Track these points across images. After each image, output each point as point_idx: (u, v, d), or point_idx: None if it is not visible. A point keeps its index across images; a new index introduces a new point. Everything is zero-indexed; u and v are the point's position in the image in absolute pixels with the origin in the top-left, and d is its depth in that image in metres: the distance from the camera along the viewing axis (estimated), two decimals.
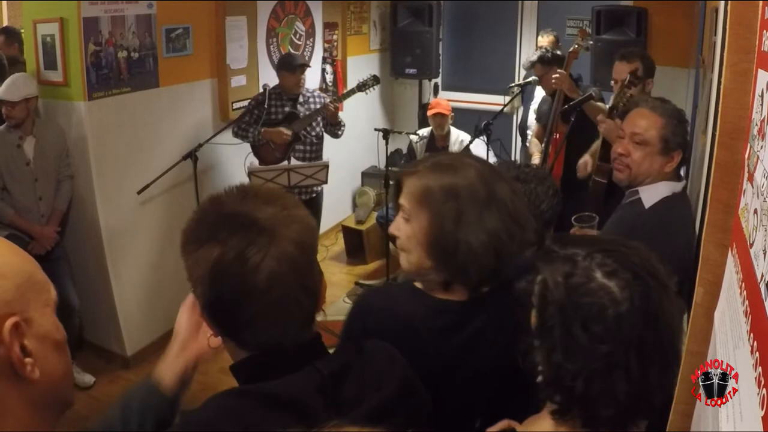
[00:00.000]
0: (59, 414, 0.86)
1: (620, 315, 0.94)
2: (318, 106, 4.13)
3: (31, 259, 0.85)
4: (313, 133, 4.16)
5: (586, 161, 3.35)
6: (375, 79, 4.28)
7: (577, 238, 1.12)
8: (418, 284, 1.38)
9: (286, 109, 4.09)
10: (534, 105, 4.87)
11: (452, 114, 4.69)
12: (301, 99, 4.12)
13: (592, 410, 0.96)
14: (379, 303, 1.39)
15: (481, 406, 1.34)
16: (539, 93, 4.76)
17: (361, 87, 4.24)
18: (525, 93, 4.92)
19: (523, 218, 1.33)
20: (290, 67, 4.07)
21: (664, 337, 0.95)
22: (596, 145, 3.48)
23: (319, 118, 4.13)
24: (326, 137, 4.30)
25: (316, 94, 4.25)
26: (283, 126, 4.03)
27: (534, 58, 4.14)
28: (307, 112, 4.10)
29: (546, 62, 4.01)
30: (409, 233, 1.32)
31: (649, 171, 1.96)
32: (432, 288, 1.35)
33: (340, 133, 4.27)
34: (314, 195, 4.21)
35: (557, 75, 3.76)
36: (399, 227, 1.35)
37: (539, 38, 4.98)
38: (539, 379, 1.01)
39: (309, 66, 4.17)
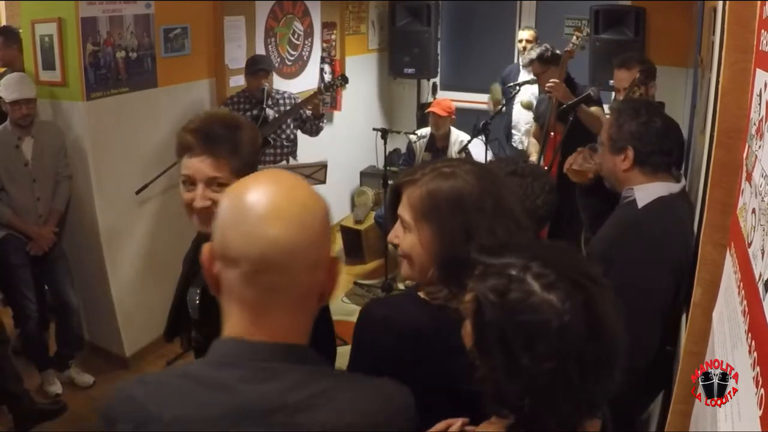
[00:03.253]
0: None
1: (563, 327, 0.90)
2: (287, 108, 4.08)
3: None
4: (284, 136, 4.10)
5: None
6: (343, 79, 4.20)
7: (508, 245, 1.08)
8: (421, 293, 1.36)
9: (254, 112, 4.03)
10: (517, 105, 4.88)
11: (453, 116, 4.67)
12: (269, 102, 4.06)
13: (540, 423, 0.94)
14: (383, 313, 1.36)
15: (488, 416, 1.33)
16: (523, 90, 4.76)
17: (328, 87, 4.17)
18: (507, 93, 4.91)
19: (524, 221, 1.32)
20: (251, 70, 4.04)
21: (606, 342, 0.93)
22: None
23: (289, 120, 4.08)
24: (304, 139, 4.24)
25: (286, 95, 4.19)
26: None
27: (533, 55, 4.13)
28: (276, 115, 4.05)
29: (545, 61, 4.00)
30: (412, 244, 1.30)
31: (609, 170, 2.03)
32: (435, 296, 1.33)
33: (322, 125, 4.20)
34: None
35: (551, 84, 3.77)
36: (398, 235, 1.32)
37: (520, 32, 4.99)
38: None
39: (269, 71, 4.06)
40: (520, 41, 4.91)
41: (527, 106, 4.79)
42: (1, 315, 3.41)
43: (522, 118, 4.91)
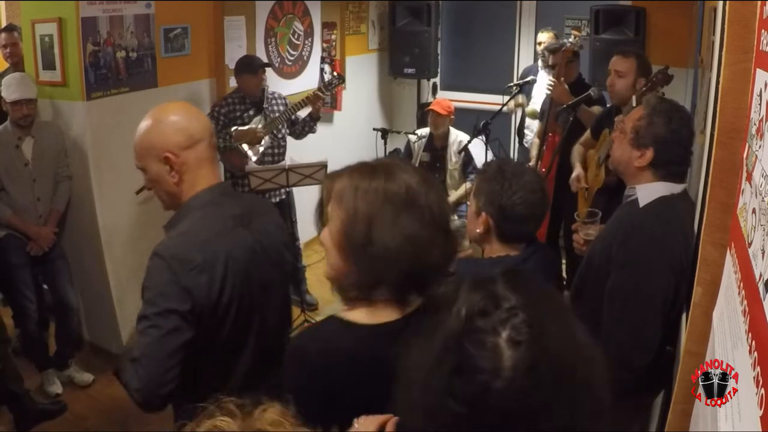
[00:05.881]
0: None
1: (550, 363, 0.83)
2: (281, 108, 4.09)
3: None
4: (280, 135, 4.12)
5: (579, 175, 3.35)
6: (339, 78, 4.31)
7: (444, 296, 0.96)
8: (345, 315, 1.30)
9: (251, 112, 4.01)
10: (532, 105, 4.87)
11: (452, 117, 4.67)
12: (265, 103, 4.05)
13: None
14: (313, 347, 1.30)
15: None
16: (537, 92, 4.77)
17: (328, 86, 4.21)
18: (524, 93, 4.92)
19: (452, 229, 1.29)
20: (252, 68, 3.97)
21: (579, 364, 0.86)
22: (577, 149, 3.50)
23: (284, 120, 4.09)
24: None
25: (276, 95, 4.19)
26: (254, 127, 3.98)
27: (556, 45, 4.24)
28: (274, 114, 4.06)
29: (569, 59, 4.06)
30: (326, 234, 1.30)
31: (620, 159, 2.00)
32: (355, 303, 1.29)
33: (315, 128, 4.22)
34: (284, 197, 4.18)
35: (550, 84, 3.79)
36: (324, 235, 1.32)
37: (539, 35, 4.98)
38: None
39: (270, 66, 4.11)
40: (539, 44, 4.90)
41: (532, 115, 4.79)
42: (1, 315, 3.41)
43: (535, 120, 4.90)
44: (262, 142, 4.00)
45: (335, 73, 4.23)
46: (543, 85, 4.52)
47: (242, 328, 1.64)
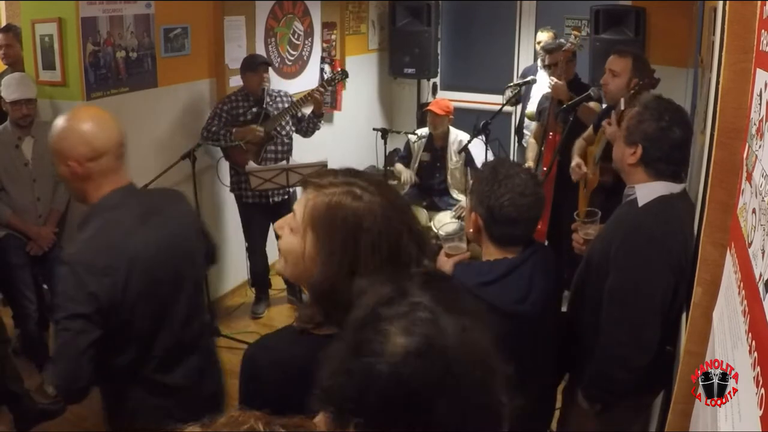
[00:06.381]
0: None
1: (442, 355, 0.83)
2: (286, 105, 4.10)
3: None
4: (284, 133, 4.12)
5: (579, 163, 3.35)
6: (343, 73, 4.37)
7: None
8: (295, 323, 1.29)
9: (254, 109, 4.03)
10: (531, 106, 4.87)
11: (451, 116, 4.67)
12: (268, 99, 4.07)
13: None
14: (265, 357, 1.29)
15: None
16: (535, 92, 4.77)
17: (329, 82, 4.28)
18: (522, 93, 4.92)
19: (423, 256, 1.24)
20: (252, 66, 4.00)
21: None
22: (579, 144, 3.50)
23: (288, 117, 4.10)
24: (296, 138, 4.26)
25: (282, 93, 4.21)
26: (254, 125, 3.99)
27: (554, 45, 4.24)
28: (276, 111, 4.07)
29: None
30: (292, 246, 1.24)
31: (616, 156, 2.06)
32: (306, 321, 1.27)
33: (320, 125, 4.24)
34: (285, 197, 4.18)
35: (551, 83, 3.79)
36: (283, 227, 1.26)
37: (538, 34, 4.99)
38: None
39: (271, 64, 4.14)
40: (539, 43, 4.90)
41: (531, 117, 4.79)
42: (1, 315, 3.40)
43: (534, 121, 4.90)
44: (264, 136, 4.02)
45: (339, 69, 4.21)
46: (542, 84, 4.51)
47: (151, 323, 1.76)
